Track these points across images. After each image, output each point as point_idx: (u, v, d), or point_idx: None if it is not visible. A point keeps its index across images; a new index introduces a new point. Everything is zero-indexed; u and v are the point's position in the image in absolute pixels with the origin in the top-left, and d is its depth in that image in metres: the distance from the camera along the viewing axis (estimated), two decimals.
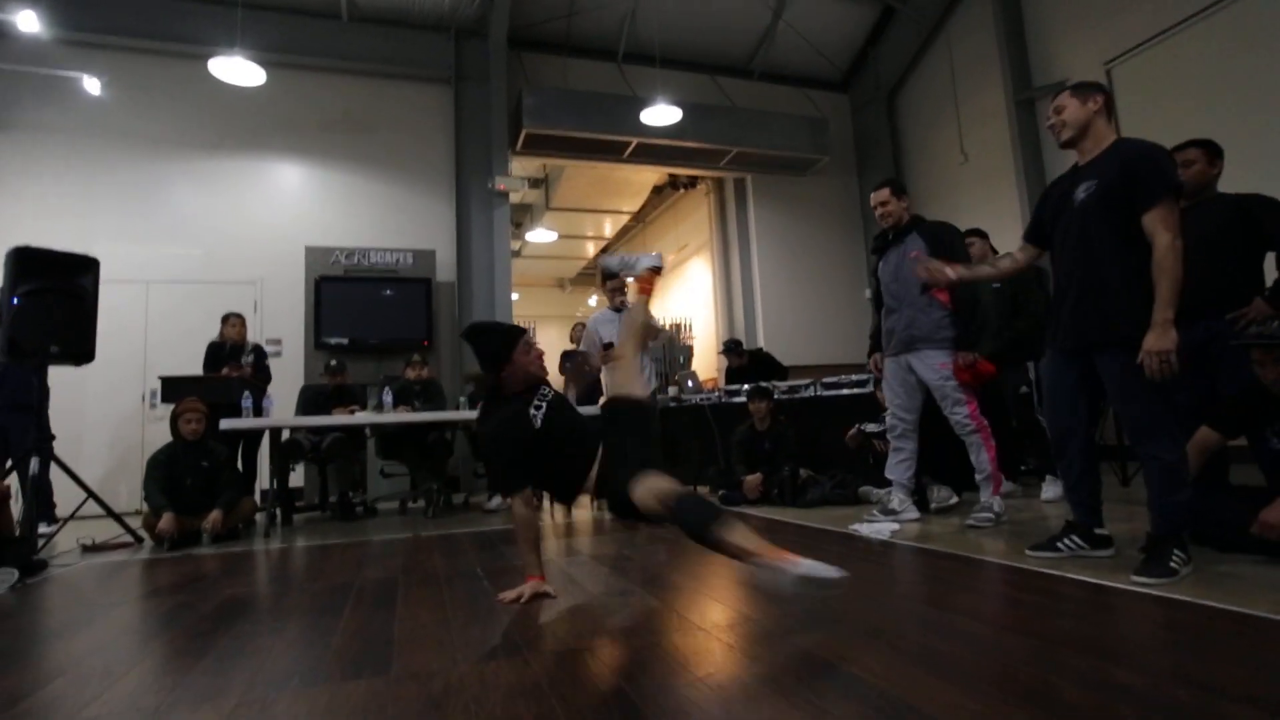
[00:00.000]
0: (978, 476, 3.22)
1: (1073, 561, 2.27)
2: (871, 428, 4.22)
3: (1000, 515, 3.10)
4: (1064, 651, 1.43)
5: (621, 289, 4.55)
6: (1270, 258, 2.69)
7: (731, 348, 6.41)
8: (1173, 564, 1.96)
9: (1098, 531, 2.32)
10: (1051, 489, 3.90)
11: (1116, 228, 2.11)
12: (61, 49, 6.01)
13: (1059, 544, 2.35)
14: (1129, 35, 5.72)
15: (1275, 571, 2.00)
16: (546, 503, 5.08)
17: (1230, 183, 2.83)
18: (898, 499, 3.35)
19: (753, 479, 4.44)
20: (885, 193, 3.34)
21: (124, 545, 3.86)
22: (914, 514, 3.35)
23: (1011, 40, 6.72)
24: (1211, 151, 2.75)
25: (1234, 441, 2.47)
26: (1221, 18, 5.08)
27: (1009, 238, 6.45)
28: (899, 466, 3.38)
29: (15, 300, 3.43)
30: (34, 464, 3.53)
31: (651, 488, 1.91)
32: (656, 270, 2.77)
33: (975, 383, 3.23)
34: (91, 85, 5.74)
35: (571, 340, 6.25)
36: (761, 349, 6.40)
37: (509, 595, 2.11)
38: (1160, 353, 1.99)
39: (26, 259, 3.55)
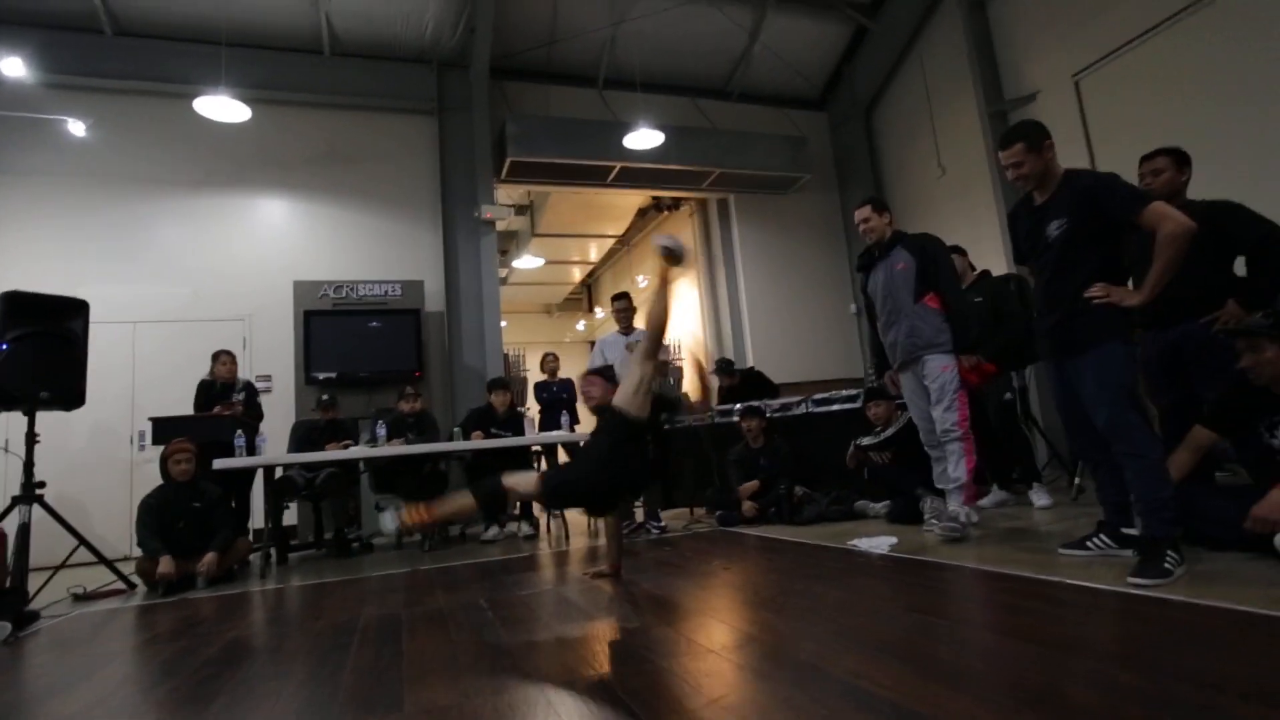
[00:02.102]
0: (950, 486, 3.24)
1: (1101, 561, 2.33)
2: (866, 441, 4.26)
3: (967, 525, 3.11)
4: (1068, 656, 1.46)
5: (628, 311, 4.62)
6: (1239, 262, 2.77)
7: (723, 368, 6.44)
8: (1167, 565, 2.00)
9: (1125, 531, 2.37)
10: (1040, 496, 3.95)
11: (1089, 259, 2.30)
12: (46, 93, 6.02)
13: (1088, 543, 2.44)
14: (1095, 47, 5.88)
15: (1265, 567, 2.05)
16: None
17: (1200, 188, 2.91)
18: (954, 503, 3.38)
19: (749, 486, 4.45)
20: (867, 209, 3.44)
21: (117, 592, 3.80)
22: (974, 517, 3.33)
23: (982, 55, 6.88)
24: (1179, 159, 2.84)
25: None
26: (1184, 27, 5.24)
27: (988, 247, 6.57)
28: (944, 476, 3.39)
29: (4, 346, 3.41)
30: (24, 512, 3.48)
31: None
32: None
33: (982, 382, 3.29)
34: (76, 128, 5.76)
35: (542, 370, 6.25)
36: (753, 368, 6.43)
37: None
38: (1116, 296, 2.20)
39: (16, 304, 3.53)
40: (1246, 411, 2.42)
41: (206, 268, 6.40)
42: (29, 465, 3.61)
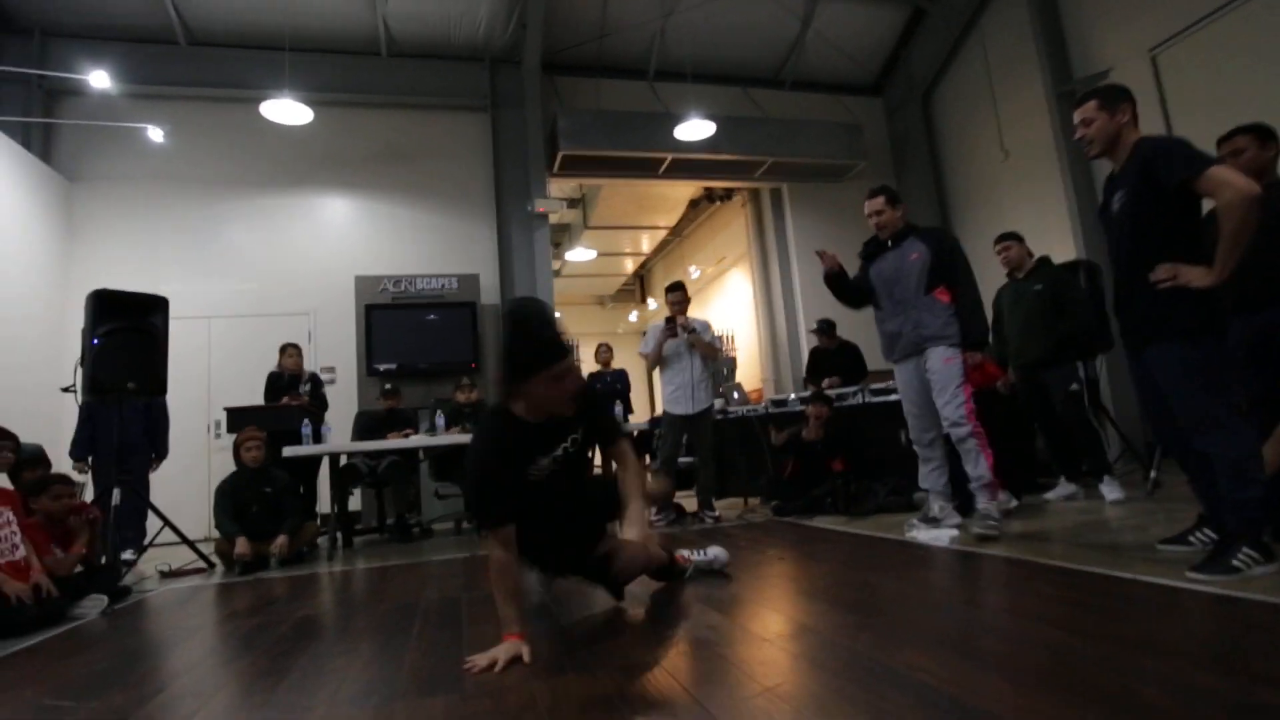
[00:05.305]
0: (973, 485, 3.06)
1: (1178, 558, 2.20)
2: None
3: (1001, 521, 2.98)
4: (1141, 655, 1.40)
5: (683, 303, 4.65)
6: None
7: (824, 328, 5.91)
8: (1236, 562, 1.90)
9: None
10: (1112, 489, 3.78)
11: (1155, 231, 2.13)
12: (127, 102, 6.39)
13: (1190, 537, 2.32)
14: (1173, 20, 5.55)
15: None
16: None
17: None
18: (937, 506, 3.25)
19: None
20: (880, 201, 3.28)
21: (198, 570, 4.03)
22: (955, 519, 3.21)
23: (1048, 32, 6.58)
24: (1263, 135, 2.65)
25: None
26: None
27: (1056, 235, 6.30)
28: (931, 475, 3.28)
29: (96, 340, 3.65)
30: (115, 495, 3.73)
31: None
32: None
33: (978, 384, 3.13)
34: (155, 135, 6.09)
35: (596, 361, 6.27)
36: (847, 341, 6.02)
37: (480, 661, 1.69)
38: (1183, 276, 2.02)
39: (105, 301, 3.78)
40: None
41: (274, 265, 6.69)
42: (120, 451, 3.85)
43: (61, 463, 4.42)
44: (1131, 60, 5.88)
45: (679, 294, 4.70)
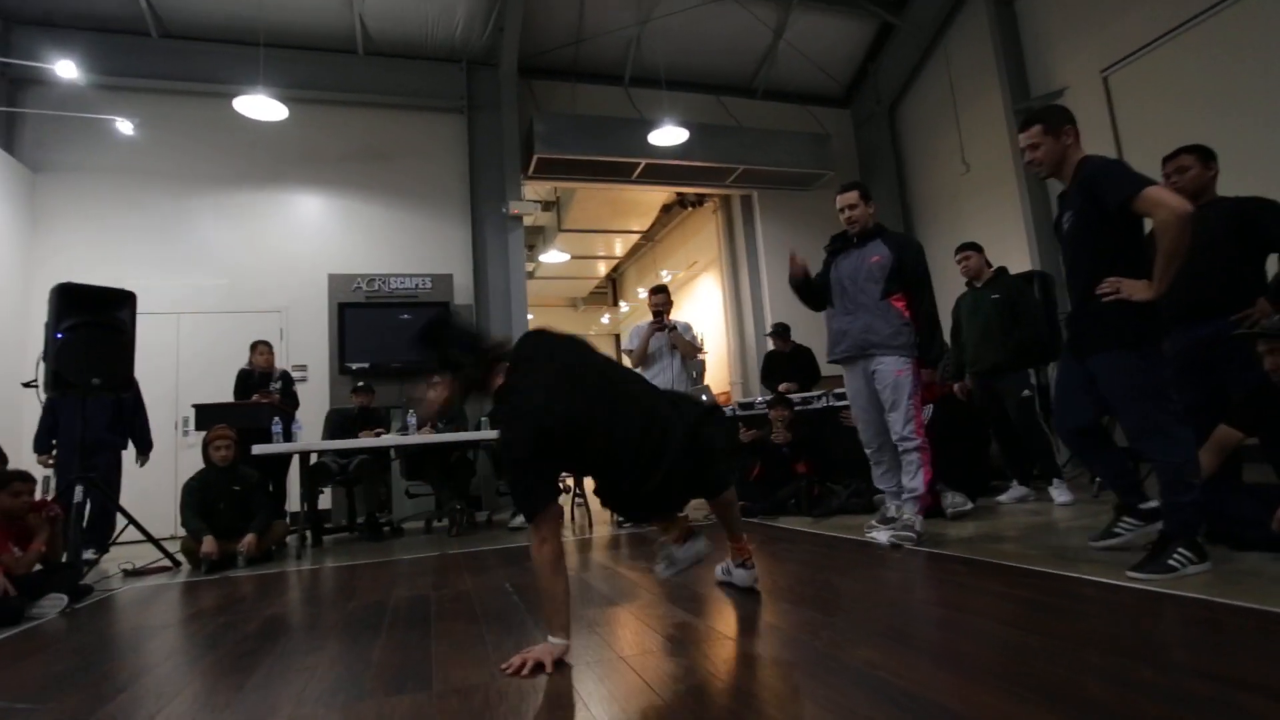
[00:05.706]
0: (905, 495, 3.12)
1: (1115, 559, 2.30)
2: None
3: (921, 535, 3.02)
4: (1085, 650, 1.48)
5: (666, 305, 4.76)
6: (1272, 259, 2.73)
7: (780, 331, 6.03)
8: (1171, 561, 2.01)
9: (1144, 507, 2.36)
10: (1061, 492, 3.92)
11: (1099, 250, 2.23)
12: (96, 93, 6.24)
13: (1115, 529, 2.42)
14: (1124, 43, 5.75)
15: None
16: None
17: (1230, 187, 2.87)
18: (894, 506, 3.31)
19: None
20: (854, 195, 3.25)
21: (163, 569, 3.96)
22: (922, 528, 3.31)
23: (1008, 51, 6.78)
24: (1204, 155, 2.80)
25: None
26: (1216, 23, 5.10)
27: (1012, 244, 6.50)
28: (885, 477, 3.32)
29: (59, 335, 3.57)
30: (77, 493, 3.65)
31: None
32: None
33: (925, 400, 3.19)
34: (124, 127, 5.96)
35: None
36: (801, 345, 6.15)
37: (515, 662, 1.66)
38: (1126, 289, 2.11)
39: (69, 295, 3.71)
40: (1274, 410, 2.39)
41: (245, 261, 6.59)
42: (83, 447, 3.78)
43: (22, 457, 4.32)
44: (1085, 80, 6.08)
45: (663, 296, 4.85)
